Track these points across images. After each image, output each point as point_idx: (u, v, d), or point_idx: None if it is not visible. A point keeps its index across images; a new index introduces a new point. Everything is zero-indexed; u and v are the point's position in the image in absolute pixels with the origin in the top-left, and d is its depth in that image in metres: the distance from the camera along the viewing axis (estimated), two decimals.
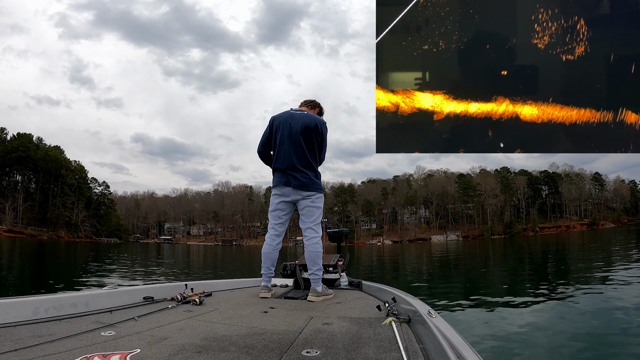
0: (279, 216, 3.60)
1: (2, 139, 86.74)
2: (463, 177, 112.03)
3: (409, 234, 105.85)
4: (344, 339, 1.84)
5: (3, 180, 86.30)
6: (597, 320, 5.91)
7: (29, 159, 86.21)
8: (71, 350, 1.59)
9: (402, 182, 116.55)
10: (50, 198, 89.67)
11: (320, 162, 3.63)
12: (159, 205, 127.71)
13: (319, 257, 3.44)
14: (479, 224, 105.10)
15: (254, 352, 1.65)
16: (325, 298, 3.26)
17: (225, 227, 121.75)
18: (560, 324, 5.87)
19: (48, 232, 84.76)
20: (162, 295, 2.94)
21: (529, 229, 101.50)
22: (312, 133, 3.42)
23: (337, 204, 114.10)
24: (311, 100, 3.79)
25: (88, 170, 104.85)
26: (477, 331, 5.70)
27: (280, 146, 3.46)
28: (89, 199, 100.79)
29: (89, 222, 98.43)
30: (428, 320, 1.78)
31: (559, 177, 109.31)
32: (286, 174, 3.44)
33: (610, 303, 7.02)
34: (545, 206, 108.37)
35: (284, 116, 3.51)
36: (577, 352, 4.62)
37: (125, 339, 1.82)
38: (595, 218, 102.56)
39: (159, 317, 2.36)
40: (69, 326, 2.00)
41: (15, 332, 1.83)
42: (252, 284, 4.18)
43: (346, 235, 4.53)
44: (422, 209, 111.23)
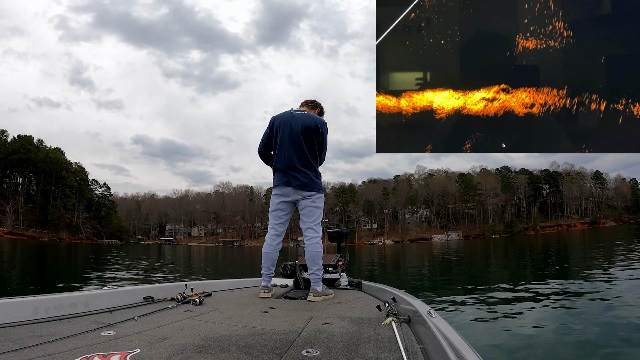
0: (279, 216, 3.60)
1: (3, 141, 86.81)
2: (464, 176, 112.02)
3: (410, 233, 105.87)
4: (344, 339, 1.84)
5: (4, 182, 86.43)
6: (598, 320, 5.89)
7: (29, 160, 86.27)
8: (71, 350, 1.59)
9: (403, 182, 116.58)
10: (51, 200, 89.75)
11: (320, 162, 3.63)
12: (160, 206, 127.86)
13: (319, 257, 3.44)
14: (480, 223, 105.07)
15: (254, 352, 1.65)
16: (325, 298, 3.26)
17: (226, 228, 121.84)
18: (561, 323, 5.86)
19: (49, 233, 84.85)
20: (162, 295, 2.94)
21: (530, 228, 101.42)
22: (313, 133, 3.42)
23: (338, 204, 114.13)
24: (312, 101, 3.79)
25: (89, 172, 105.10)
26: (477, 331, 5.69)
27: (280, 146, 3.46)
28: (90, 200, 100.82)
29: (89, 224, 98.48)
30: (428, 320, 1.78)
31: (559, 176, 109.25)
32: (287, 174, 3.45)
33: (611, 303, 7.01)
34: (546, 205, 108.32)
35: (285, 116, 3.51)
36: (577, 352, 4.61)
37: (125, 339, 1.82)
38: (596, 217, 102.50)
39: (159, 317, 2.36)
40: (69, 326, 2.00)
41: (15, 332, 1.83)
42: (252, 284, 4.18)
43: (346, 235, 4.53)
44: (423, 209, 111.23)
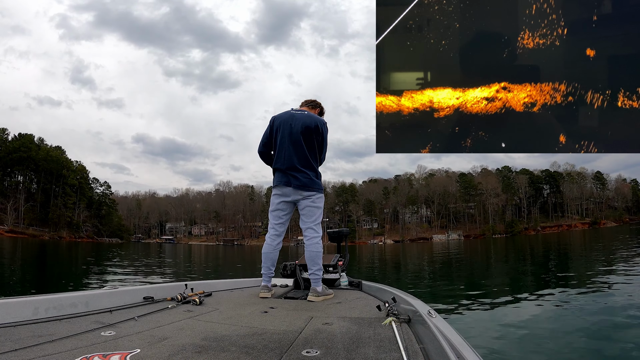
0: (280, 216, 3.61)
1: (4, 139, 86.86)
2: (464, 176, 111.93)
3: (410, 233, 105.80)
4: (344, 339, 1.84)
5: (4, 180, 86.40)
6: (599, 320, 5.88)
7: (30, 159, 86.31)
8: (71, 350, 1.59)
9: (404, 182, 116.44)
10: (51, 198, 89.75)
11: (320, 162, 3.62)
12: (161, 205, 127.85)
13: (319, 257, 3.44)
14: (481, 223, 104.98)
15: (254, 352, 1.65)
16: (325, 298, 3.26)
17: (227, 227, 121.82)
18: (561, 324, 5.85)
19: (50, 232, 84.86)
20: (162, 295, 2.94)
21: (530, 228, 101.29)
22: (313, 133, 3.42)
23: (339, 203, 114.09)
24: (312, 100, 3.79)
25: (89, 171, 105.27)
26: (477, 331, 5.68)
27: (280, 146, 3.46)
28: (91, 199, 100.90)
29: (90, 223, 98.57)
30: (428, 320, 1.78)
31: (560, 176, 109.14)
32: (287, 174, 3.45)
33: (612, 303, 6.99)
34: (546, 205, 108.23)
35: (285, 116, 3.51)
36: (578, 352, 4.60)
37: (125, 339, 1.82)
38: (597, 217, 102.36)
39: (159, 317, 2.36)
40: (69, 326, 2.00)
41: (15, 332, 1.83)
42: (252, 284, 4.18)
43: (346, 235, 4.52)
44: (424, 209, 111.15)
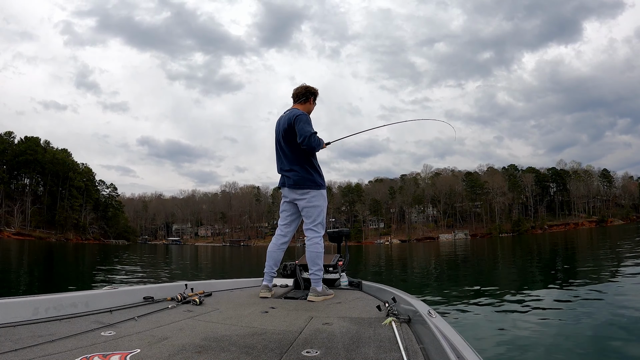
0: (284, 217, 3.70)
1: (10, 142, 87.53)
2: (470, 175, 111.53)
3: (416, 232, 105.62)
4: (344, 339, 1.83)
5: (11, 183, 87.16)
6: (602, 320, 5.80)
7: (36, 162, 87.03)
8: (71, 350, 1.60)
9: (410, 181, 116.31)
10: (58, 200, 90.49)
11: (309, 149, 3.43)
12: (167, 206, 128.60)
13: (319, 258, 3.45)
14: (487, 222, 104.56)
15: (254, 352, 1.65)
16: (325, 298, 3.27)
17: (233, 228, 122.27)
18: (564, 324, 5.79)
19: (56, 234, 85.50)
20: (162, 295, 2.95)
21: (537, 226, 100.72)
22: (290, 131, 3.46)
23: (345, 203, 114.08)
24: (298, 94, 3.70)
25: (96, 173, 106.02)
26: (477, 331, 5.65)
27: (275, 149, 3.66)
28: (97, 201, 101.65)
29: (97, 224, 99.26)
30: (428, 320, 1.77)
31: (566, 174, 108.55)
32: (282, 175, 3.62)
33: (617, 303, 6.89)
34: (553, 204, 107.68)
35: (278, 120, 3.65)
36: (579, 352, 4.56)
37: (125, 339, 1.82)
38: (604, 215, 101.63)
39: (159, 317, 2.37)
40: (69, 326, 2.01)
41: (15, 332, 1.84)
42: (252, 284, 4.19)
43: (346, 236, 4.52)
44: (430, 208, 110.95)
